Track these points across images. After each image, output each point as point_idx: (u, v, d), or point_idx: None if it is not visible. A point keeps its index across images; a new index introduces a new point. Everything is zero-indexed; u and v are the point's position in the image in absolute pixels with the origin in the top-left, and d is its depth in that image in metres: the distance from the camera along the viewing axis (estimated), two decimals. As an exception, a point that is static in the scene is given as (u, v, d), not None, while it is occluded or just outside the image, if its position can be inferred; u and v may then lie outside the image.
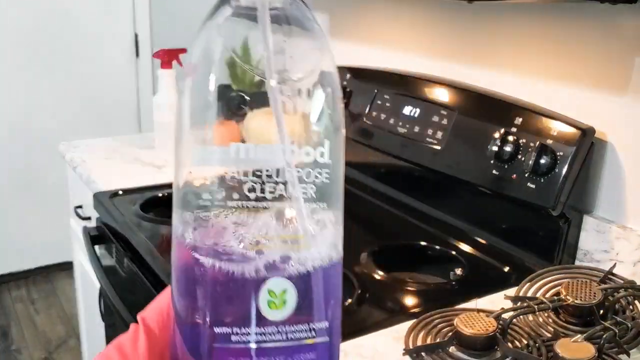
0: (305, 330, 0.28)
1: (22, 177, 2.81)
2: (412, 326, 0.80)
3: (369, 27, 1.52)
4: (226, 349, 0.27)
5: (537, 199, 1.00)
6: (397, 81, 1.34)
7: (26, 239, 2.88)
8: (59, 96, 2.80)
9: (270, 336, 0.27)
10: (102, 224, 1.34)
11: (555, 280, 0.86)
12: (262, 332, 0.27)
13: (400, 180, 1.33)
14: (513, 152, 1.04)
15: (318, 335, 0.28)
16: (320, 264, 0.28)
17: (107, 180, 1.43)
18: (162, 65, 1.63)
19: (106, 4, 2.80)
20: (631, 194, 0.99)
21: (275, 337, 0.27)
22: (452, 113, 1.18)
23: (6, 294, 2.81)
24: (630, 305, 0.80)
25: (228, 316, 0.27)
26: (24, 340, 2.49)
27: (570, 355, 0.67)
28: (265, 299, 0.27)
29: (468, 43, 1.26)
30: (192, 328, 0.28)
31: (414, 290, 0.98)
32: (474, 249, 1.12)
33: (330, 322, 0.29)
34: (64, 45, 2.75)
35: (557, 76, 1.08)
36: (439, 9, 1.33)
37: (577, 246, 1.04)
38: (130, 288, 1.16)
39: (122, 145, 1.73)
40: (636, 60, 0.96)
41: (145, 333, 0.31)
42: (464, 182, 1.14)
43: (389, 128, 1.29)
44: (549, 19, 1.09)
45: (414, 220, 1.25)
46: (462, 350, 0.74)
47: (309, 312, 0.28)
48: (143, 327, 0.31)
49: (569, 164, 0.97)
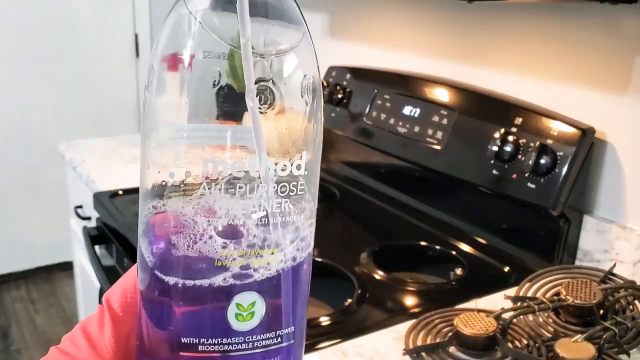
0: (272, 337, 0.28)
1: (22, 177, 2.81)
2: (412, 326, 0.80)
3: (369, 27, 1.52)
4: (192, 357, 0.27)
5: (537, 199, 1.01)
6: (397, 81, 1.34)
7: (26, 239, 2.88)
8: (59, 96, 2.79)
9: (236, 345, 0.27)
10: (102, 224, 1.34)
11: (555, 280, 0.86)
12: (229, 343, 0.27)
13: (400, 180, 1.33)
14: (513, 152, 1.04)
15: (284, 340, 0.29)
16: (289, 272, 0.28)
17: (107, 180, 1.43)
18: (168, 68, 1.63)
19: (106, 4, 2.80)
20: (631, 194, 0.99)
21: (242, 346, 0.28)
22: (452, 113, 1.18)
23: (6, 294, 2.81)
24: (630, 305, 0.80)
25: (195, 326, 0.27)
26: (24, 340, 2.49)
27: (570, 355, 0.67)
28: (233, 312, 0.27)
29: (468, 43, 1.26)
30: (154, 323, 0.28)
31: (414, 290, 0.98)
32: (474, 249, 1.12)
33: (297, 325, 0.29)
34: (64, 45, 2.75)
35: (557, 76, 1.08)
36: (439, 9, 1.33)
37: (577, 246, 1.04)
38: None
39: (122, 145, 1.73)
40: (636, 60, 0.96)
41: (110, 317, 0.30)
42: (464, 182, 1.14)
43: (389, 128, 1.30)
44: (549, 19, 1.09)
45: (414, 220, 1.25)
46: (462, 350, 0.74)
47: (276, 321, 0.28)
48: (108, 311, 0.31)
49: (569, 164, 0.97)
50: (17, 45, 2.67)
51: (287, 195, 0.28)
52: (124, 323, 0.30)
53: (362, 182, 1.41)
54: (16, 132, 2.75)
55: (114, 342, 0.30)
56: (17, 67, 2.69)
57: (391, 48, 1.46)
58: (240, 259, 0.27)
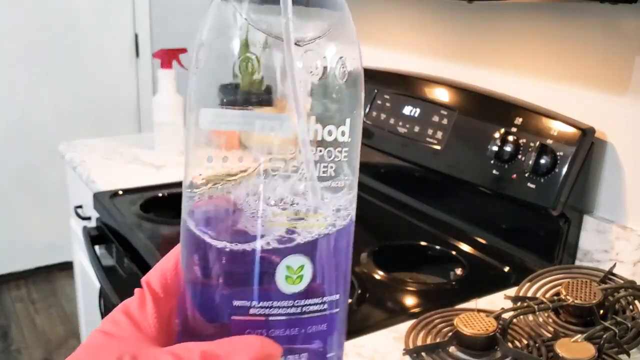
0: (318, 303, 0.30)
1: (22, 177, 2.81)
2: (412, 326, 0.80)
3: (369, 27, 1.52)
4: (244, 321, 0.28)
5: (537, 199, 1.00)
6: (397, 81, 1.34)
7: (26, 239, 2.88)
8: (59, 96, 2.79)
9: (285, 309, 0.29)
10: (102, 224, 1.34)
11: (555, 280, 0.86)
12: (279, 306, 0.28)
13: (400, 180, 1.33)
14: (513, 152, 1.04)
15: (329, 308, 0.30)
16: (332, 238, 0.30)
17: (107, 180, 1.43)
18: (162, 65, 1.63)
19: (106, 4, 2.80)
20: (631, 194, 0.99)
21: (291, 310, 0.29)
22: (452, 113, 1.18)
23: (6, 294, 2.81)
24: (630, 305, 0.80)
25: (246, 290, 0.28)
26: (24, 340, 2.49)
27: (570, 355, 0.67)
28: (283, 275, 0.28)
29: (468, 43, 1.26)
30: (203, 295, 0.29)
31: (414, 290, 0.98)
32: (474, 249, 1.12)
33: (340, 295, 0.31)
34: (64, 45, 2.75)
35: (557, 76, 1.08)
36: (439, 9, 1.33)
37: (577, 246, 1.04)
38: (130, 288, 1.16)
39: (122, 145, 1.73)
40: (636, 60, 0.96)
41: (152, 296, 0.30)
42: (464, 182, 1.14)
43: (389, 128, 1.30)
44: (549, 19, 1.09)
45: (414, 220, 1.25)
46: (462, 350, 0.74)
47: (322, 287, 0.30)
48: (149, 291, 0.31)
49: (569, 164, 0.97)
50: (17, 45, 2.67)
51: (332, 161, 0.29)
52: (165, 303, 0.30)
53: (362, 182, 1.41)
54: (16, 132, 2.75)
55: (157, 320, 0.30)
56: (17, 67, 2.69)
57: (391, 48, 1.46)
58: (287, 221, 0.28)
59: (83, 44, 2.79)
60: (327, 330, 0.30)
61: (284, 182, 0.28)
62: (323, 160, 0.29)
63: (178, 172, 1.51)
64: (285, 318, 0.29)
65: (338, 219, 0.30)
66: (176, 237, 0.30)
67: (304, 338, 0.29)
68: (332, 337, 0.31)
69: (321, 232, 0.29)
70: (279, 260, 0.28)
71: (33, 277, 2.94)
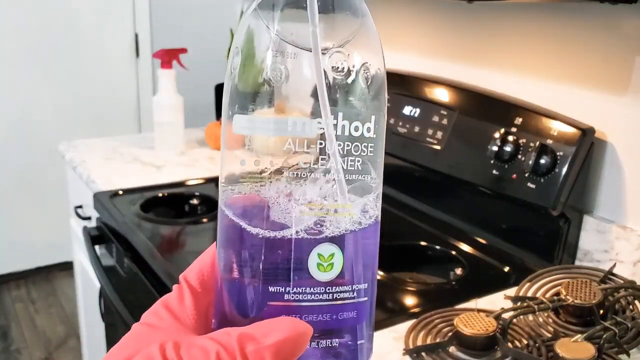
0: (349, 291, 0.32)
1: (22, 177, 2.81)
2: (412, 326, 0.80)
3: (369, 27, 1.52)
4: (279, 306, 0.30)
5: (537, 199, 1.01)
6: (397, 81, 1.34)
7: (26, 239, 2.88)
8: (59, 96, 2.80)
9: (318, 295, 0.31)
10: (102, 224, 1.34)
11: (555, 280, 0.86)
12: (312, 292, 0.30)
13: (400, 180, 1.33)
14: (513, 152, 1.04)
15: (359, 296, 0.32)
16: (363, 232, 0.32)
17: (107, 180, 1.44)
18: (162, 65, 1.63)
19: (106, 4, 2.80)
20: (631, 194, 0.99)
21: (323, 296, 0.31)
22: (452, 113, 1.18)
23: (6, 294, 2.81)
24: (630, 305, 0.81)
25: (281, 277, 0.30)
26: (24, 340, 2.49)
27: (570, 355, 0.67)
28: (315, 262, 0.30)
29: (468, 43, 1.26)
30: (240, 287, 0.31)
31: (414, 290, 0.98)
32: (474, 249, 1.12)
33: (369, 283, 0.33)
34: (64, 45, 2.75)
35: (557, 76, 1.08)
36: (439, 9, 1.33)
37: (577, 246, 1.04)
38: (130, 288, 1.16)
39: (122, 145, 1.73)
40: (636, 60, 0.96)
41: (190, 291, 0.32)
42: (464, 182, 1.14)
43: (389, 128, 1.29)
44: (549, 19, 1.09)
45: (414, 220, 1.25)
46: (462, 350, 0.74)
47: (351, 274, 0.32)
48: (187, 286, 0.32)
49: (569, 164, 0.97)
50: (17, 45, 2.67)
51: (359, 155, 0.31)
52: (203, 298, 0.32)
53: (362, 182, 1.41)
54: (16, 132, 2.75)
55: (195, 312, 0.31)
56: (17, 67, 2.69)
57: (391, 48, 1.46)
58: (319, 210, 0.31)
59: (83, 44, 2.79)
60: (357, 317, 0.32)
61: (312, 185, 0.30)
62: (350, 154, 0.31)
63: (178, 172, 1.51)
64: (318, 304, 0.31)
65: (364, 219, 0.32)
66: (176, 237, 0.31)
67: (335, 324, 0.31)
68: (362, 325, 0.32)
69: (348, 227, 0.31)
70: (311, 248, 0.30)
71: (33, 277, 2.94)
